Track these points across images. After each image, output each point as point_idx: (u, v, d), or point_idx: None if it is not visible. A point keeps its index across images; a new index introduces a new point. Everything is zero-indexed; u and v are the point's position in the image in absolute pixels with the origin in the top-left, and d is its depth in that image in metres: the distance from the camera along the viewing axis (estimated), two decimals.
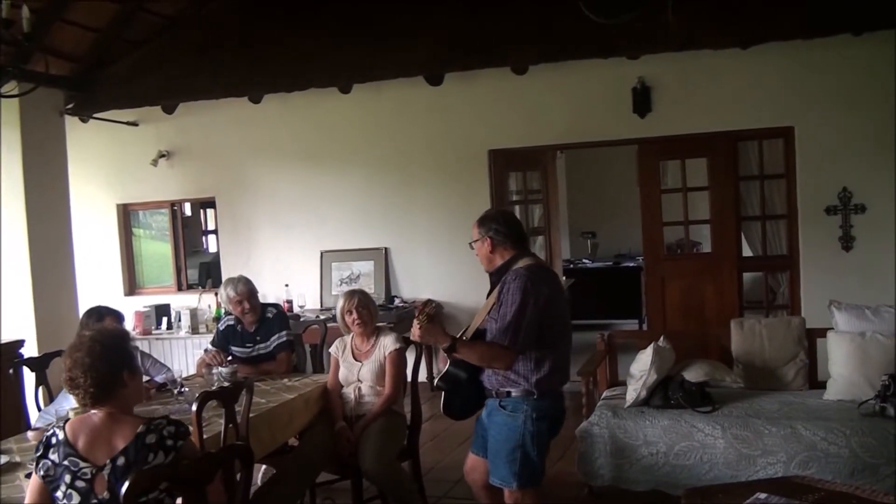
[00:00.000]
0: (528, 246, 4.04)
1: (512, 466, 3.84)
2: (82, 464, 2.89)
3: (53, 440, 2.95)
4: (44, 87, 7.22)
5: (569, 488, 5.42)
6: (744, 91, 7.48)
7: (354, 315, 5.03)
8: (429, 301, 3.83)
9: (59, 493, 2.90)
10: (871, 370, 5.11)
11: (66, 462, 2.90)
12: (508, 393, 3.86)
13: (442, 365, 4.05)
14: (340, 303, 5.13)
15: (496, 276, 3.95)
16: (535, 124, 8.04)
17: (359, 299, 5.06)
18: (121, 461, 2.88)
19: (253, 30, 8.04)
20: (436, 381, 4.09)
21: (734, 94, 7.51)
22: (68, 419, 3.13)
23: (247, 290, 5.50)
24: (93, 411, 3.00)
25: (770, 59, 7.19)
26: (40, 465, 2.94)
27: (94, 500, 2.88)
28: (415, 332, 3.73)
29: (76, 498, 2.89)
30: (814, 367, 5.65)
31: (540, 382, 3.82)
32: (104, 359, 2.96)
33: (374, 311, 5.15)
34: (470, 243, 4.03)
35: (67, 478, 2.89)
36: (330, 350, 5.23)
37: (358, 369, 5.00)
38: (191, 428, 3.83)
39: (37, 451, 2.98)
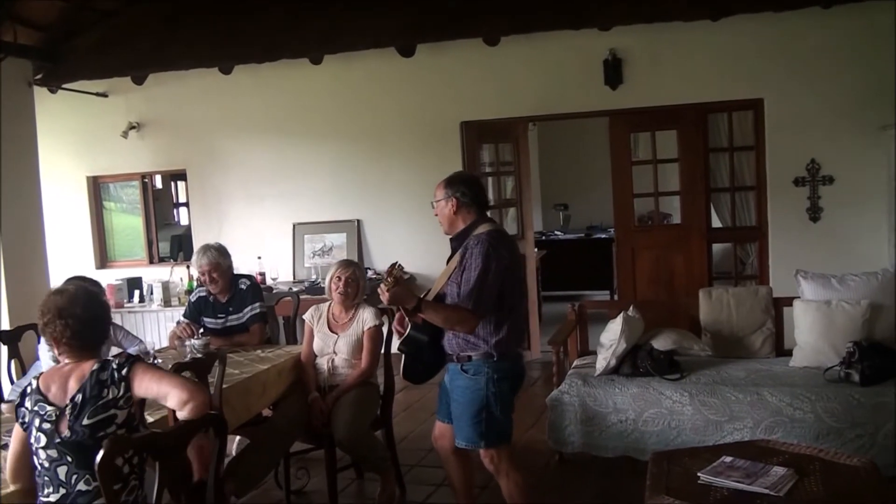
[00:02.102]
0: (487, 212, 4.11)
1: (478, 427, 3.93)
2: (48, 407, 3.01)
3: (28, 389, 3.09)
4: (12, 58, 7.14)
5: (540, 456, 5.49)
6: (714, 63, 7.53)
7: (341, 285, 5.02)
8: (395, 264, 3.86)
9: (31, 438, 3.03)
10: (836, 337, 5.22)
11: (35, 407, 3.03)
12: (469, 357, 3.94)
13: (398, 326, 4.12)
14: (334, 266, 5.14)
15: (456, 242, 4.04)
16: (508, 96, 8.05)
17: (352, 272, 5.06)
18: (78, 398, 3.00)
19: (223, 0, 7.96)
20: (397, 344, 4.16)
21: (704, 66, 7.55)
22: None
23: (211, 262, 5.39)
24: (66, 360, 3.12)
25: (740, 31, 7.22)
26: (19, 413, 3.09)
27: (58, 440, 2.98)
28: (383, 295, 3.79)
29: (43, 439, 3.01)
30: (780, 336, 5.75)
31: (499, 344, 3.91)
32: (99, 314, 3.17)
33: (362, 289, 5.13)
34: (432, 202, 4.09)
35: (37, 421, 3.02)
36: (304, 317, 5.22)
37: (334, 341, 5.01)
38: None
39: (18, 401, 3.13)
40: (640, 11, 6.75)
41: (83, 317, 3.07)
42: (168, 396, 3.04)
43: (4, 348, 5.25)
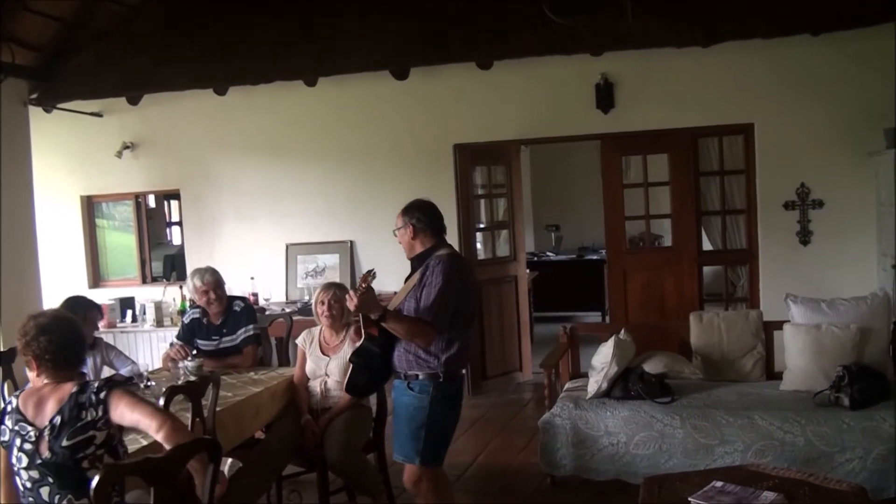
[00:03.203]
0: (444, 236, 4.35)
1: (416, 444, 4.13)
2: (28, 427, 3.06)
3: (8, 408, 3.14)
4: (8, 78, 7.17)
5: (531, 479, 5.52)
6: (705, 88, 7.60)
7: (325, 307, 5.08)
8: (370, 271, 4.04)
9: (13, 458, 3.09)
10: (825, 361, 5.27)
11: (16, 427, 3.08)
12: (416, 375, 4.13)
13: (354, 337, 4.42)
14: (317, 291, 5.19)
15: (416, 262, 4.26)
16: (500, 119, 8.10)
17: (334, 293, 5.13)
18: (57, 420, 3.04)
19: (218, 22, 7.98)
20: (348, 355, 4.39)
21: (695, 91, 7.62)
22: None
23: (213, 280, 5.54)
24: (44, 381, 3.16)
25: (730, 57, 7.30)
26: (0, 430, 3.13)
27: (38, 461, 3.03)
28: (352, 302, 3.94)
29: (25, 460, 3.05)
30: (771, 359, 5.80)
31: (449, 361, 4.10)
32: (75, 335, 3.22)
33: (347, 309, 5.17)
34: (394, 230, 4.37)
35: (17, 441, 3.07)
36: (297, 341, 5.26)
37: (326, 363, 5.04)
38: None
39: None
40: (631, 37, 6.81)
41: (63, 338, 3.13)
42: (140, 424, 3.08)
43: None
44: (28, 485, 3.04)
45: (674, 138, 7.85)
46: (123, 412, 3.06)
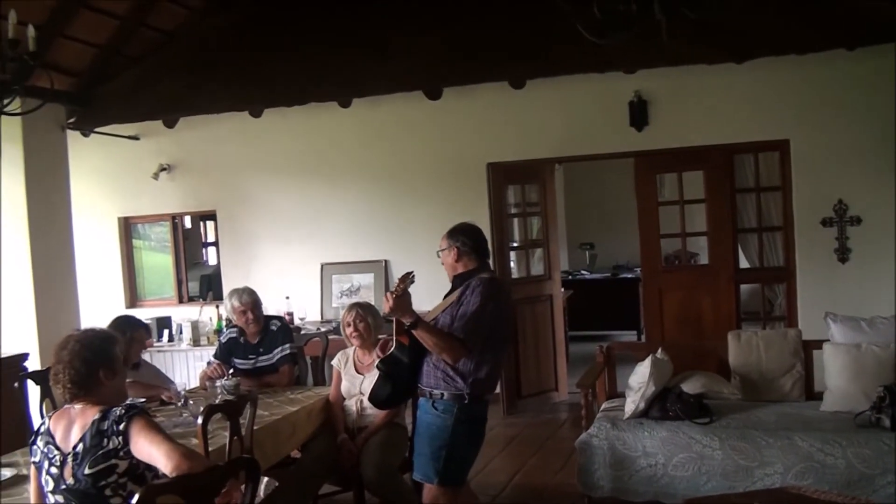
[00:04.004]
0: (488, 260, 4.40)
1: (436, 464, 4.11)
2: (55, 451, 3.07)
3: (42, 428, 3.15)
4: (46, 103, 7.27)
5: (568, 500, 5.48)
6: (739, 104, 7.56)
7: (352, 329, 5.10)
8: (410, 273, 4.07)
9: (42, 479, 3.10)
10: (866, 381, 5.17)
11: (45, 449, 3.09)
12: (442, 395, 4.13)
13: (379, 352, 4.51)
14: (342, 316, 5.23)
15: (458, 281, 4.28)
16: (534, 138, 8.10)
17: (356, 312, 5.15)
18: (79, 448, 3.04)
19: (252, 45, 8.09)
20: (376, 362, 4.42)
21: (730, 107, 7.58)
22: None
23: (251, 300, 5.59)
24: (74, 405, 3.15)
25: (765, 72, 7.25)
26: (32, 451, 3.16)
27: (63, 486, 3.03)
28: (387, 303, 3.97)
29: (51, 483, 3.06)
30: (810, 379, 5.71)
31: (475, 383, 4.10)
32: (81, 357, 3.13)
33: (375, 324, 5.19)
34: (438, 251, 4.40)
35: (46, 464, 3.08)
36: (332, 363, 5.29)
37: (360, 382, 5.05)
38: (195, 440, 3.89)
39: (32, 439, 3.20)
40: (664, 55, 6.78)
41: (80, 361, 3.12)
42: (156, 462, 2.99)
43: (37, 388, 5.28)
44: None
45: (709, 155, 7.80)
46: (142, 446, 3.01)
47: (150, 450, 3.00)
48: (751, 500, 3.62)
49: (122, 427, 3.03)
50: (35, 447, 3.15)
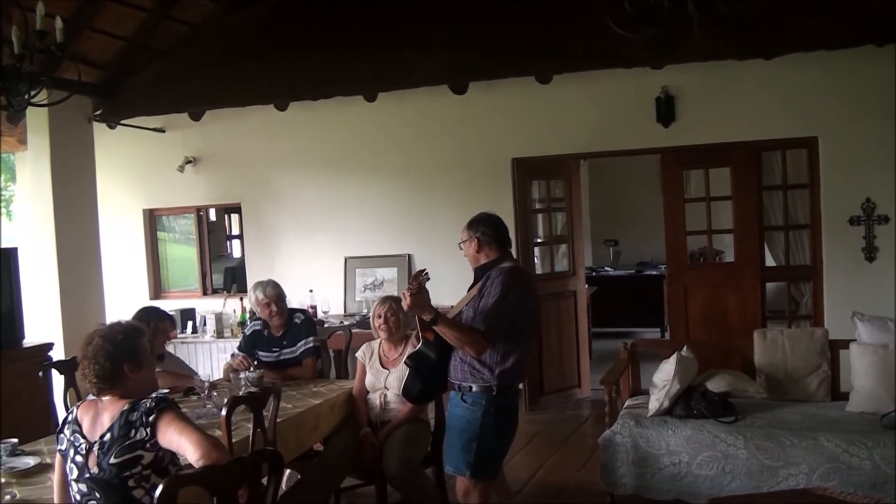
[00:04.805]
0: (510, 249, 4.36)
1: (466, 456, 4.12)
2: (81, 440, 3.11)
3: (69, 417, 3.20)
4: (73, 95, 7.32)
5: (591, 497, 5.46)
6: (767, 101, 7.48)
7: (382, 321, 5.10)
8: (422, 270, 4.05)
9: (66, 468, 3.15)
10: (893, 382, 5.12)
11: (71, 438, 3.14)
12: (470, 387, 4.12)
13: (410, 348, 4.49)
14: (373, 307, 5.22)
15: (480, 273, 4.25)
16: (559, 133, 8.07)
17: (390, 306, 5.14)
18: (107, 437, 3.07)
19: (277, 38, 8.10)
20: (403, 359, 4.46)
21: (757, 104, 7.50)
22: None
23: (275, 293, 5.60)
24: (102, 398, 3.19)
25: (793, 69, 7.18)
26: (59, 439, 3.21)
27: (87, 475, 3.06)
28: (405, 301, 3.98)
29: (75, 472, 3.10)
30: (836, 379, 5.66)
31: (503, 374, 4.09)
32: (104, 352, 3.15)
33: (405, 320, 5.17)
34: (459, 243, 4.38)
35: (71, 452, 3.12)
36: (357, 355, 5.29)
37: (385, 377, 5.05)
38: (219, 432, 3.90)
39: (59, 427, 3.26)
40: (692, 50, 6.72)
41: (104, 356, 3.14)
42: (184, 451, 3.04)
43: (61, 378, 5.32)
44: (77, 497, 3.08)
45: (736, 152, 7.73)
46: (171, 437, 3.04)
47: (179, 439, 3.03)
48: (775, 501, 3.58)
49: (151, 419, 3.05)
50: (62, 436, 3.19)
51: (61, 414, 5.27)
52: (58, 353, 6.90)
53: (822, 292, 7.53)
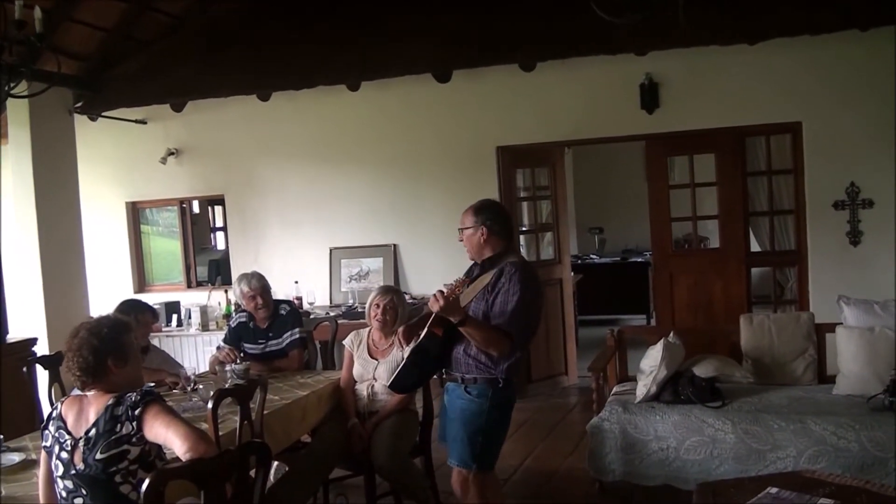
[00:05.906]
0: (513, 241, 4.26)
1: (473, 449, 4.04)
2: (66, 436, 3.08)
3: (54, 413, 3.16)
4: (53, 87, 7.26)
5: (580, 484, 5.46)
6: (751, 86, 7.48)
7: (380, 311, 5.03)
8: (463, 280, 3.87)
9: (52, 465, 3.11)
10: (879, 365, 5.15)
11: (56, 434, 3.10)
12: (475, 379, 4.03)
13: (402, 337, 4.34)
14: (374, 293, 5.16)
15: (487, 265, 4.08)
16: (544, 121, 8.05)
17: (391, 299, 5.08)
18: (92, 433, 3.04)
19: (260, 28, 8.04)
20: (397, 360, 4.44)
21: (742, 89, 7.50)
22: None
23: (260, 285, 5.56)
24: (87, 392, 3.16)
25: (777, 54, 7.18)
26: (43, 435, 3.17)
27: (73, 471, 3.03)
28: (437, 304, 3.73)
29: (61, 468, 3.07)
30: (823, 362, 5.68)
31: (510, 368, 4.02)
32: (89, 345, 3.13)
33: (401, 315, 5.11)
34: (460, 229, 4.15)
35: (56, 449, 3.08)
36: (344, 343, 5.23)
37: (374, 367, 5.02)
38: (205, 425, 3.88)
39: (44, 424, 3.22)
40: (676, 36, 6.72)
41: (88, 350, 3.12)
42: (171, 444, 3.01)
43: (46, 373, 5.27)
44: (63, 494, 3.06)
45: (720, 138, 7.74)
46: (158, 430, 3.01)
47: (165, 432, 3.00)
48: (764, 484, 3.58)
49: (137, 412, 3.02)
50: (46, 432, 3.15)
51: (46, 409, 5.24)
52: (42, 348, 6.86)
53: (808, 277, 7.56)
